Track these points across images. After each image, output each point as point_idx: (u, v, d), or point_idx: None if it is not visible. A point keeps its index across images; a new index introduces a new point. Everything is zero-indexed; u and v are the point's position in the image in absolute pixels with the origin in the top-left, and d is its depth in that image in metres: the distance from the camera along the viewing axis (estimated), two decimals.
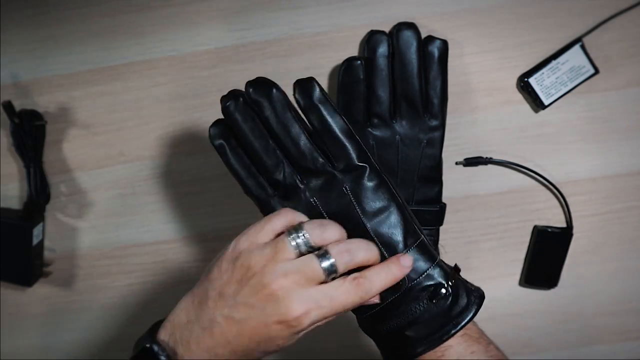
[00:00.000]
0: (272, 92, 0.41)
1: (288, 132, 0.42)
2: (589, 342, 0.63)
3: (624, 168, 0.61)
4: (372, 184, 0.42)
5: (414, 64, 0.55)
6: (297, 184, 0.42)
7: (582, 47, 0.58)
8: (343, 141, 0.41)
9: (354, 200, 0.41)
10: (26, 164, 0.60)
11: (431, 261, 0.42)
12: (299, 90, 0.42)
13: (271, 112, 0.41)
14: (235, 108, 0.42)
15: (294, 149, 0.42)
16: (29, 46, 0.60)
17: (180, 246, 0.62)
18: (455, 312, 0.41)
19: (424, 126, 0.56)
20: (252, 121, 0.42)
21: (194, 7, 0.59)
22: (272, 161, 0.42)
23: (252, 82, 0.42)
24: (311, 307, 0.37)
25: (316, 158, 0.42)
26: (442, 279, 0.41)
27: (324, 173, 0.42)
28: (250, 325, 0.38)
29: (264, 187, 0.43)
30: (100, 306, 0.63)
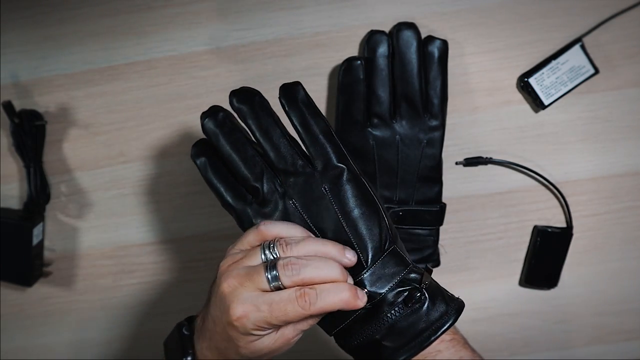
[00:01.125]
0: (254, 98, 0.42)
1: (269, 136, 0.42)
2: (588, 342, 0.63)
3: (624, 168, 0.61)
4: (350, 185, 0.42)
5: (414, 64, 0.55)
6: (277, 188, 0.43)
7: (582, 47, 0.58)
8: (322, 142, 0.42)
9: (332, 200, 0.42)
10: (26, 164, 0.60)
11: (404, 266, 0.41)
12: (283, 93, 0.42)
13: (253, 118, 0.42)
14: (215, 123, 0.43)
15: (275, 152, 0.42)
16: (29, 46, 0.60)
17: (180, 246, 0.62)
18: (433, 317, 0.41)
19: (424, 126, 0.56)
20: (231, 133, 0.43)
21: (194, 7, 0.59)
22: (252, 169, 0.43)
23: (235, 91, 0.43)
24: (249, 310, 0.38)
25: (296, 160, 0.42)
26: (416, 283, 0.41)
27: (304, 174, 0.42)
28: (219, 323, 0.40)
29: (243, 197, 0.44)
30: (100, 306, 0.63)
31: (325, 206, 0.42)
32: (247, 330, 0.39)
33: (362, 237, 0.41)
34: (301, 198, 0.42)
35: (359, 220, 0.41)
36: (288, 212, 0.43)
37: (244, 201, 0.44)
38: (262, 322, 0.38)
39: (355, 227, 0.41)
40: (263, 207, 0.43)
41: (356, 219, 0.41)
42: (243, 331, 0.39)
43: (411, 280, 0.41)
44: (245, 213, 0.43)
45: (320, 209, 0.42)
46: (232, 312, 0.38)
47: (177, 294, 0.63)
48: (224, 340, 0.40)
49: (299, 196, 0.42)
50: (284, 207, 0.43)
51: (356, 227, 0.41)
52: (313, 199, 0.42)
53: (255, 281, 0.39)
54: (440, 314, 0.41)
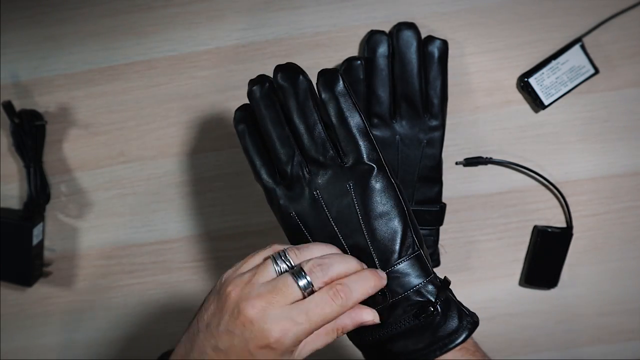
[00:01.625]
0: (298, 78, 0.41)
1: (305, 120, 0.41)
2: (589, 342, 0.63)
3: (624, 168, 0.61)
4: (377, 185, 0.41)
5: (414, 64, 0.55)
6: (304, 175, 0.42)
7: (582, 47, 0.58)
8: (356, 137, 0.41)
9: (355, 199, 0.41)
10: (26, 164, 0.60)
11: (424, 277, 0.41)
12: (322, 81, 0.41)
13: (293, 99, 0.41)
14: (260, 93, 0.42)
15: (308, 138, 0.42)
16: (29, 46, 0.60)
17: (180, 246, 0.62)
18: (444, 333, 0.40)
19: (424, 126, 0.56)
20: (273, 108, 0.42)
21: (194, 7, 0.59)
22: (285, 149, 0.42)
23: (281, 66, 0.42)
24: (287, 326, 0.36)
25: (327, 150, 0.41)
26: (432, 297, 0.40)
27: (332, 167, 0.42)
28: (235, 353, 0.37)
29: (273, 175, 0.43)
30: (100, 306, 0.63)
31: (347, 203, 0.41)
32: (287, 349, 0.36)
33: (378, 240, 0.41)
34: (325, 190, 0.42)
35: (380, 222, 0.41)
36: (313, 202, 0.42)
37: (274, 179, 0.43)
38: (303, 334, 0.36)
39: (373, 229, 0.41)
40: (290, 191, 0.43)
41: (377, 221, 0.41)
42: (282, 350, 0.36)
43: (428, 292, 0.40)
44: (274, 192, 0.43)
45: (342, 205, 0.41)
46: (269, 335, 0.36)
47: (177, 294, 0.63)
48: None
49: (323, 188, 0.42)
50: (309, 196, 0.42)
51: (374, 229, 0.41)
52: (336, 194, 0.41)
53: (285, 294, 0.37)
54: (451, 330, 0.40)
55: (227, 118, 0.60)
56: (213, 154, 0.61)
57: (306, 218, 0.42)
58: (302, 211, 0.42)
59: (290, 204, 0.43)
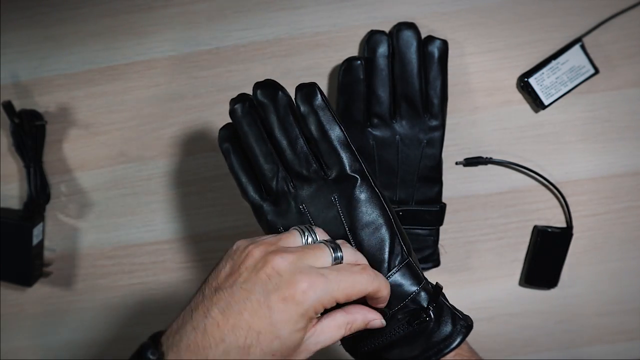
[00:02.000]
0: (277, 94, 0.42)
1: (287, 135, 0.42)
2: (588, 342, 0.63)
3: (624, 168, 0.61)
4: (362, 195, 0.41)
5: (414, 64, 0.55)
6: (289, 189, 0.42)
7: (582, 47, 0.58)
8: (337, 149, 0.41)
9: (341, 211, 0.41)
10: (26, 164, 0.60)
11: (417, 284, 0.41)
12: (300, 95, 0.42)
13: (273, 115, 0.42)
14: (241, 111, 0.43)
15: (290, 153, 0.42)
16: (29, 46, 0.60)
17: (180, 246, 0.62)
18: (438, 338, 0.40)
19: (424, 126, 0.56)
20: (254, 125, 0.43)
21: (194, 7, 0.59)
22: (268, 165, 0.42)
23: (260, 84, 0.42)
24: (318, 280, 0.35)
25: (310, 164, 0.42)
26: (425, 303, 0.40)
27: (316, 180, 0.42)
28: (250, 310, 0.34)
29: (260, 192, 0.44)
30: (100, 306, 0.63)
31: (333, 216, 0.41)
32: (309, 307, 0.35)
33: (367, 250, 0.41)
34: (311, 204, 0.42)
35: (366, 233, 0.41)
36: (299, 216, 0.42)
37: (260, 195, 0.44)
38: (327, 296, 0.35)
39: (360, 240, 0.41)
40: (276, 206, 0.43)
41: (364, 232, 0.41)
42: (305, 307, 0.34)
43: (421, 299, 0.40)
44: (261, 208, 0.43)
45: (328, 218, 0.42)
46: (297, 285, 0.34)
47: (177, 294, 0.63)
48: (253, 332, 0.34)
49: (309, 202, 0.42)
50: (296, 210, 0.42)
51: (362, 239, 0.41)
52: (322, 207, 0.42)
53: (317, 256, 0.36)
54: (445, 335, 0.40)
55: (227, 118, 0.60)
56: (213, 154, 0.61)
57: None
58: (290, 225, 0.42)
59: (278, 219, 0.43)
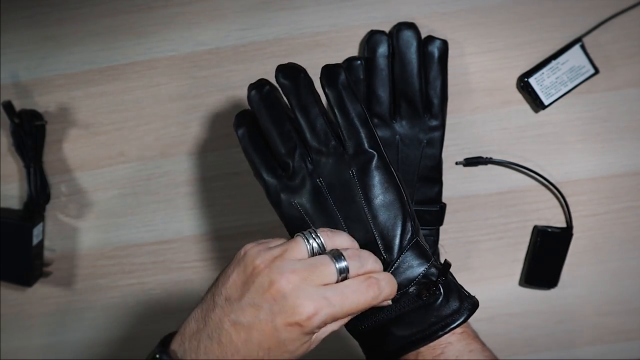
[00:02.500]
0: (299, 76, 0.43)
1: (307, 113, 0.43)
2: (589, 342, 0.63)
3: (624, 168, 0.61)
4: (379, 172, 0.42)
5: (414, 64, 0.55)
6: (306, 166, 0.43)
7: (582, 47, 0.58)
8: (357, 125, 0.42)
9: (359, 184, 0.42)
10: (26, 164, 0.60)
11: (426, 262, 0.42)
12: (325, 73, 0.43)
13: (294, 94, 0.43)
14: (260, 95, 0.43)
15: (310, 130, 0.43)
16: (29, 46, 0.60)
17: (180, 246, 0.62)
18: (445, 313, 0.41)
19: (424, 126, 0.56)
20: (273, 107, 0.43)
21: (194, 7, 0.59)
22: (287, 144, 0.43)
23: (282, 66, 0.43)
24: (322, 305, 0.35)
25: (329, 139, 0.42)
26: (434, 277, 0.41)
27: (334, 155, 0.43)
28: (259, 329, 0.35)
29: (274, 170, 0.44)
30: (101, 306, 0.63)
31: (350, 190, 0.42)
32: (313, 329, 0.36)
33: (382, 226, 0.42)
34: (328, 178, 0.43)
35: (382, 208, 0.42)
36: (315, 190, 0.43)
37: (274, 174, 0.44)
38: (332, 317, 0.36)
39: (376, 215, 0.42)
40: (291, 182, 0.43)
41: (379, 207, 0.42)
42: (309, 330, 0.35)
43: (430, 274, 0.41)
44: (275, 186, 0.44)
45: (345, 192, 0.42)
46: (302, 311, 0.35)
47: (177, 294, 0.63)
48: (263, 348, 0.35)
49: (326, 176, 0.43)
50: (312, 185, 0.43)
51: (378, 215, 0.42)
52: (340, 182, 0.42)
53: (321, 273, 0.36)
54: (453, 310, 0.41)
55: (227, 118, 0.60)
56: (213, 154, 0.61)
57: (308, 207, 0.43)
58: (305, 200, 0.43)
59: (292, 195, 0.43)
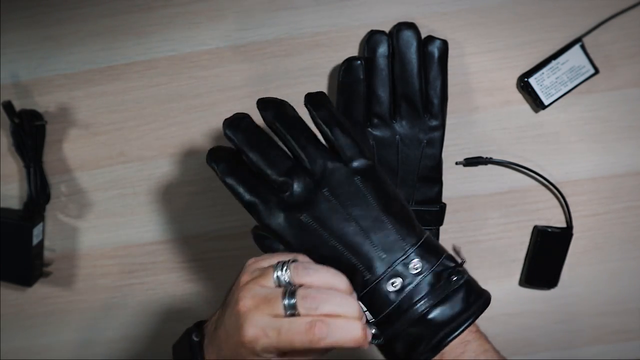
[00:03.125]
0: (283, 103, 0.45)
1: (302, 129, 0.44)
2: (588, 342, 0.63)
3: (624, 168, 0.61)
4: (380, 180, 0.44)
5: (414, 64, 0.55)
6: (311, 179, 0.43)
7: (582, 47, 0.58)
8: (353, 137, 0.44)
9: (367, 191, 0.43)
10: (26, 164, 0.60)
11: (440, 253, 0.43)
12: (310, 98, 0.45)
13: (282, 119, 0.44)
14: (245, 124, 0.44)
15: (309, 147, 0.43)
16: (29, 46, 0.60)
17: (180, 246, 0.62)
18: (471, 300, 0.42)
19: (424, 126, 0.56)
20: (261, 131, 0.44)
21: (194, 7, 0.59)
22: (286, 162, 0.43)
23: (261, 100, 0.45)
24: (259, 335, 0.37)
25: (328, 153, 0.43)
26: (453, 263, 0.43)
27: (336, 166, 0.43)
28: (230, 337, 0.39)
29: (272, 191, 0.44)
30: (101, 306, 0.63)
31: (361, 195, 0.43)
32: (256, 352, 0.38)
33: (401, 220, 0.43)
34: (336, 188, 0.43)
35: (396, 206, 0.43)
36: (326, 202, 0.42)
37: (274, 194, 0.43)
38: (270, 347, 0.37)
39: (392, 212, 0.43)
40: (295, 199, 0.43)
41: (393, 206, 0.43)
42: (252, 352, 0.38)
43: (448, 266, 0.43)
44: (275, 204, 0.43)
45: (356, 198, 0.43)
46: (244, 334, 0.37)
47: (177, 294, 0.63)
48: (234, 355, 0.39)
49: (334, 186, 0.43)
50: (322, 197, 0.43)
51: (393, 212, 0.43)
52: (349, 189, 0.43)
53: (271, 306, 0.38)
54: (475, 298, 0.42)
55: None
56: None
57: (323, 219, 0.42)
58: (317, 214, 0.42)
59: (301, 211, 0.43)
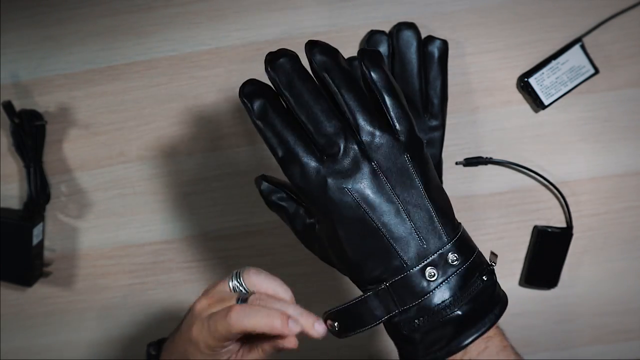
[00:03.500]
0: (338, 53, 0.40)
1: (356, 91, 0.39)
2: (588, 342, 0.63)
3: (624, 168, 0.61)
4: (428, 158, 0.41)
5: (414, 64, 0.55)
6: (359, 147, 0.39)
7: (582, 47, 0.58)
8: (407, 110, 0.40)
9: (415, 170, 0.39)
10: (26, 164, 0.60)
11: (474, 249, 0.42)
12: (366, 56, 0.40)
13: (338, 70, 0.39)
14: (291, 63, 0.39)
15: (361, 109, 0.39)
16: (29, 46, 0.60)
17: (180, 246, 0.62)
18: (498, 296, 0.41)
19: (424, 126, 0.56)
20: (309, 79, 0.39)
21: (194, 7, 0.59)
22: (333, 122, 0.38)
23: (315, 42, 0.40)
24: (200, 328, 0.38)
25: (381, 122, 0.39)
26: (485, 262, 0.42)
27: (388, 138, 0.39)
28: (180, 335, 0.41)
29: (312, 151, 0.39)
30: (101, 306, 0.63)
31: (408, 176, 0.39)
32: (200, 348, 0.39)
33: (442, 210, 0.40)
34: (384, 162, 0.39)
35: (437, 193, 0.41)
36: (373, 175, 0.39)
37: (314, 156, 0.39)
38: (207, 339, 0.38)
39: (434, 199, 0.40)
40: (339, 165, 0.38)
41: (435, 192, 0.40)
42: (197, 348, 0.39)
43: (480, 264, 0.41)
44: (315, 169, 0.39)
45: (403, 178, 0.39)
46: (193, 329, 0.39)
47: (177, 294, 0.63)
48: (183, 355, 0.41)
49: (382, 159, 0.39)
50: (369, 168, 0.39)
51: (434, 199, 0.40)
52: (397, 166, 0.39)
53: (224, 304, 0.39)
54: (500, 296, 0.42)
55: (227, 118, 0.60)
56: (213, 154, 0.61)
57: (367, 193, 0.39)
58: (362, 186, 0.39)
59: (344, 179, 0.39)
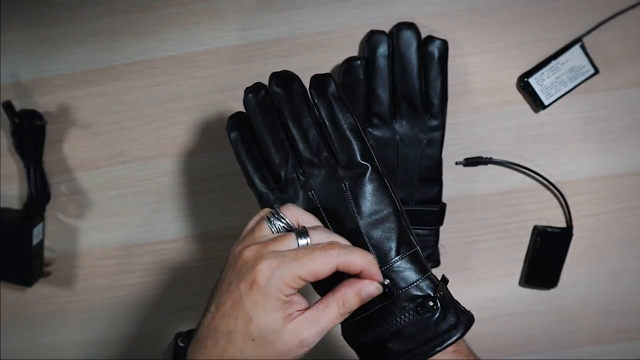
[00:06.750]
0: (293, 84, 0.43)
1: (300, 124, 0.42)
2: (589, 342, 0.63)
3: (624, 168, 0.61)
4: (372, 185, 0.42)
5: (413, 64, 0.55)
6: (298, 177, 0.43)
7: (582, 47, 0.58)
8: (349, 137, 0.42)
9: (351, 197, 0.42)
10: (26, 164, 0.60)
11: (422, 273, 0.41)
12: (314, 83, 0.43)
13: (288, 104, 0.42)
14: (256, 100, 0.43)
15: (302, 141, 0.43)
16: (29, 46, 0.60)
17: (181, 246, 0.62)
18: (442, 329, 0.40)
19: (424, 126, 0.56)
20: (269, 114, 0.43)
21: (194, 7, 0.59)
22: (280, 153, 0.43)
23: (276, 74, 0.43)
24: (275, 262, 0.37)
25: (321, 151, 0.42)
26: (431, 292, 0.41)
27: (326, 167, 0.42)
28: (230, 299, 0.38)
29: (267, 180, 0.44)
30: (100, 306, 0.63)
31: (343, 203, 0.42)
32: (272, 289, 0.37)
33: (377, 240, 0.41)
34: (320, 191, 0.43)
35: (376, 222, 0.41)
36: (307, 203, 0.43)
37: (267, 184, 0.44)
38: (289, 274, 0.36)
39: (369, 228, 0.41)
40: (284, 194, 0.43)
41: (373, 221, 0.41)
42: (268, 291, 0.37)
43: (427, 287, 0.41)
44: (268, 196, 0.44)
45: (337, 205, 0.42)
46: (257, 270, 0.37)
47: (177, 294, 0.63)
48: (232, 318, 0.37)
49: (318, 188, 0.43)
50: (304, 197, 0.43)
51: (371, 227, 0.41)
52: (332, 194, 0.42)
53: (282, 241, 0.38)
54: (450, 326, 0.40)
55: (226, 117, 0.60)
56: (213, 154, 0.61)
57: None
58: None
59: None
